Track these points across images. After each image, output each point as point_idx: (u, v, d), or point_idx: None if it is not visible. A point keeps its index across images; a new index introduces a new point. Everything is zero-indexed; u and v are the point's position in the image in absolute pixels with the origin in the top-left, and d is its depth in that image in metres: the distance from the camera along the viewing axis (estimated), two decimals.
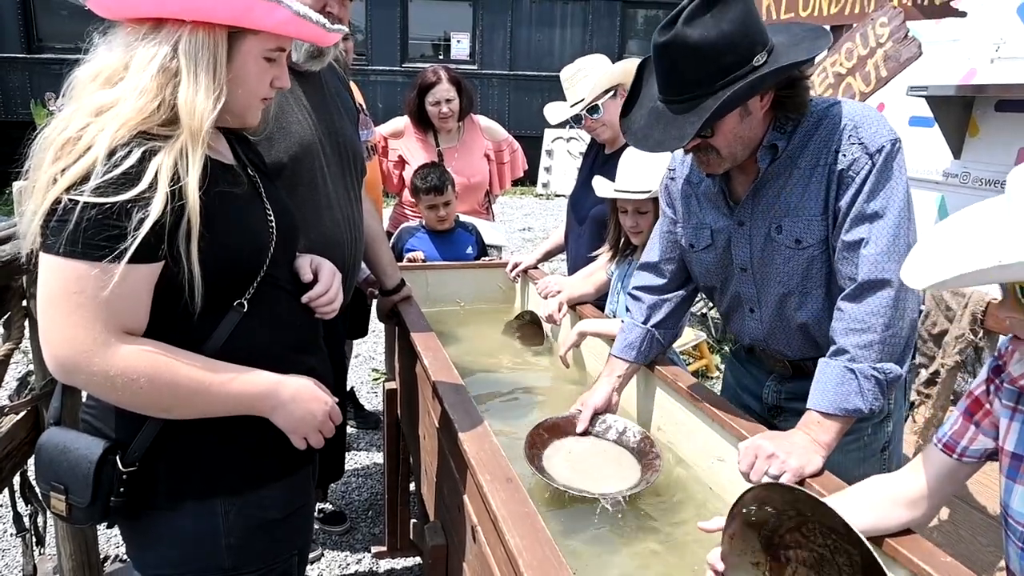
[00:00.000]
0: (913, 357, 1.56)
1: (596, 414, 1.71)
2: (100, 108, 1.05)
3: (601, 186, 2.15)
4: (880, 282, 1.32)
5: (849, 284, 1.36)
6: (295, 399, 1.20)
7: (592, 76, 2.40)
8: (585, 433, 1.69)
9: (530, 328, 2.51)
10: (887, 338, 1.31)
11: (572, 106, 2.45)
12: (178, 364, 1.09)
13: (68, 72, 1.11)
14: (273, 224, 1.23)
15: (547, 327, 2.45)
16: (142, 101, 1.05)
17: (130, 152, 1.02)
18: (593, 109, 2.37)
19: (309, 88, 1.90)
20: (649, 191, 1.99)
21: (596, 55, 2.58)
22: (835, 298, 1.41)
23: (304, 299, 1.30)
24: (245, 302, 1.17)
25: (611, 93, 2.35)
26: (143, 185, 1.01)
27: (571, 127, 9.92)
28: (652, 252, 1.78)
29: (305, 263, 1.33)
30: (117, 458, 1.13)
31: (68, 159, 1.02)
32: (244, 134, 1.32)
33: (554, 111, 2.58)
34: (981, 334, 2.39)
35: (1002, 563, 2.01)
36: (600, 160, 2.48)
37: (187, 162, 1.05)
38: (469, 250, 3.01)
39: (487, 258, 3.06)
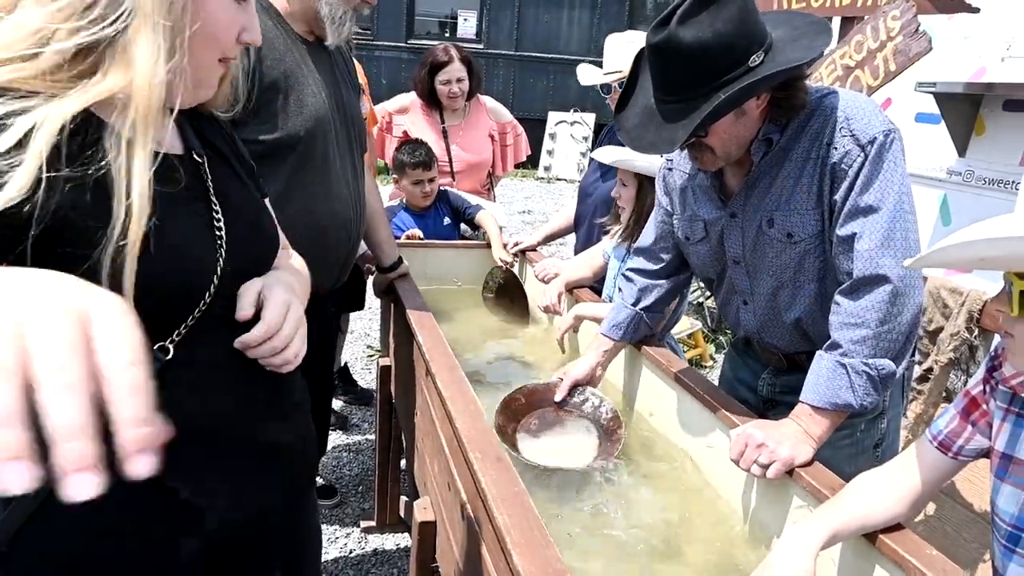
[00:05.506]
0: (912, 354, 1.55)
1: (576, 385, 1.75)
2: None
3: (601, 152, 2.15)
4: (875, 277, 1.30)
5: (846, 279, 1.35)
6: None
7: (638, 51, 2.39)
8: (563, 402, 1.75)
9: (509, 293, 2.55)
10: (881, 333, 1.30)
11: (606, 74, 2.43)
12: None
13: None
14: (222, 233, 0.87)
15: (532, 297, 2.47)
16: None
17: None
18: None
19: (319, 59, 1.88)
20: (625, 160, 1.98)
21: None
22: (829, 292, 1.40)
23: (237, 343, 0.87)
24: (170, 347, 0.81)
25: None
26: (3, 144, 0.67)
27: (576, 111, 9.88)
28: (648, 237, 1.79)
29: (251, 293, 0.90)
30: None
31: None
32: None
33: (587, 73, 2.56)
34: (976, 332, 2.40)
35: (985, 557, 2.03)
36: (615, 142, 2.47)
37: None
38: (447, 220, 3.00)
39: (474, 232, 3.07)
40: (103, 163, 0.72)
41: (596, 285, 2.32)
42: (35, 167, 0.67)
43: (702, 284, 2.83)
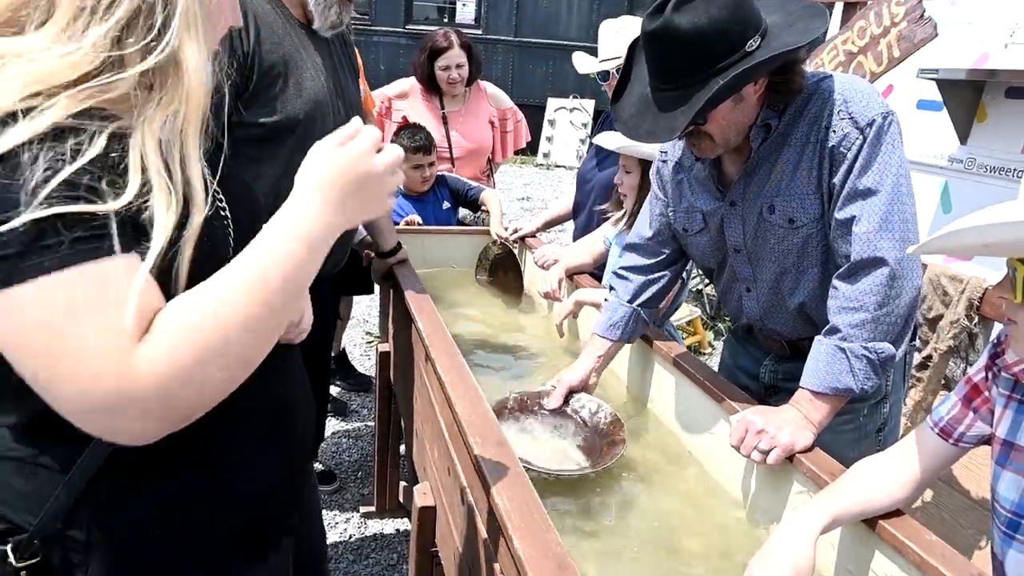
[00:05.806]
0: (912, 339, 1.54)
1: (572, 392, 1.67)
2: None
3: (603, 138, 2.13)
4: (873, 260, 1.29)
5: (844, 262, 1.35)
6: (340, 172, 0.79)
7: (632, 36, 2.37)
8: (557, 410, 1.66)
9: (503, 270, 2.54)
10: (880, 317, 1.30)
11: (602, 61, 2.41)
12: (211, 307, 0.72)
13: None
14: (229, 221, 0.89)
15: (528, 279, 2.46)
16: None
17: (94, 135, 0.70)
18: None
19: (318, 43, 1.87)
20: (629, 146, 1.95)
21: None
22: (832, 276, 1.40)
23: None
24: None
25: None
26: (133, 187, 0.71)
27: (575, 97, 9.82)
28: (641, 232, 1.76)
29: None
30: (8, 549, 0.81)
31: None
32: None
33: (583, 61, 2.54)
34: (976, 320, 2.40)
35: (982, 544, 2.04)
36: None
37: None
38: (446, 205, 2.98)
39: (474, 215, 3.05)
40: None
41: (596, 271, 2.32)
42: (167, 186, 0.73)
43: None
